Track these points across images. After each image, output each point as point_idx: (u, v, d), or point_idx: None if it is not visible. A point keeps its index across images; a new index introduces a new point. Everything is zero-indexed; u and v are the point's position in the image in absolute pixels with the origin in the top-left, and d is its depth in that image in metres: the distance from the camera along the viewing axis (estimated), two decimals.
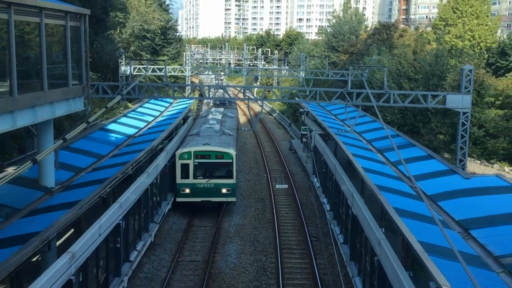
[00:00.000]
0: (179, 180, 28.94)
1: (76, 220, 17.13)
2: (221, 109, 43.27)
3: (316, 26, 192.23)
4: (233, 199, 29.84)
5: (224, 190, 29.04)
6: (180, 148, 29.68)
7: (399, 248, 16.51)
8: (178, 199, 29.28)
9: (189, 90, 43.49)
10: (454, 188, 22.26)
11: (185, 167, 28.85)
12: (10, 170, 22.11)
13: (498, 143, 41.46)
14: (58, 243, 16.35)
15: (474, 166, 40.48)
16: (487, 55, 54.86)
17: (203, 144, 29.58)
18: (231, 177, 29.18)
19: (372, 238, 17.08)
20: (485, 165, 41.37)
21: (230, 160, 29.20)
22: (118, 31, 58.31)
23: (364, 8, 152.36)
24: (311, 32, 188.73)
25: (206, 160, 29.16)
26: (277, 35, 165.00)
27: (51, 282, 12.67)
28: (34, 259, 14.67)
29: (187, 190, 28.96)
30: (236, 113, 45.90)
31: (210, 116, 39.03)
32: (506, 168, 41.84)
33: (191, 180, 28.87)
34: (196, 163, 28.95)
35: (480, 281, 11.51)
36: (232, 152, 29.41)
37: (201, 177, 29.14)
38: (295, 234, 27.84)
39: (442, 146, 41.56)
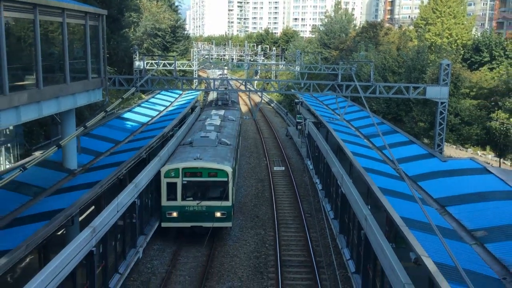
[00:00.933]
0: (164, 202, 22.35)
1: (96, 198, 17.19)
2: (222, 112, 35.21)
3: (310, 25, 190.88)
4: (229, 224, 23.11)
5: (218, 214, 22.33)
6: (167, 163, 23.21)
7: (383, 223, 16.58)
8: (164, 224, 22.75)
9: (196, 83, 43.12)
10: (433, 170, 22.28)
11: (172, 187, 22.35)
12: (37, 154, 22.14)
13: (472, 130, 41.45)
14: (80, 218, 16.42)
15: (450, 150, 40.48)
16: (463, 51, 54.63)
17: (194, 159, 22.88)
18: (226, 198, 22.31)
19: (359, 214, 17.15)
20: (460, 150, 41.38)
21: (225, 179, 22.39)
22: (132, 30, 57.96)
23: (353, 9, 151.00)
24: (306, 31, 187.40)
25: (196, 178, 22.44)
26: (275, 33, 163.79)
27: (75, 253, 12.77)
28: (59, 233, 14.76)
29: (174, 214, 22.36)
30: (238, 115, 37.51)
31: (207, 122, 30.85)
32: (479, 152, 41.86)
33: (179, 202, 22.29)
34: (185, 182, 22.33)
35: (455, 252, 11.57)
36: (228, 168, 22.57)
37: (191, 198, 22.48)
38: (291, 211, 27.93)
39: (422, 132, 41.53)
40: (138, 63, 52.01)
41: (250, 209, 28.00)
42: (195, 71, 64.50)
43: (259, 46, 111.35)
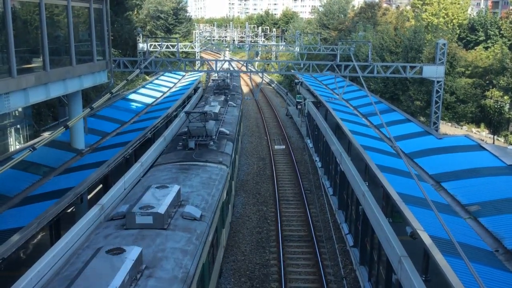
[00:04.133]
0: None
1: (104, 177, 17.28)
2: (175, 189, 12.56)
3: (309, 6, 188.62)
4: None
5: None
6: None
7: (380, 199, 16.66)
8: None
9: (199, 64, 42.76)
10: (428, 147, 22.30)
11: None
12: (46, 134, 22.18)
13: (467, 108, 41.35)
14: (89, 196, 16.53)
15: (446, 128, 40.44)
16: (458, 31, 54.10)
17: None
18: None
19: (357, 190, 17.22)
20: (455, 127, 41.34)
21: None
22: (135, 12, 57.46)
23: None
24: (305, 12, 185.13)
25: None
26: (275, 14, 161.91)
27: (84, 230, 12.87)
28: (69, 210, 14.86)
29: None
30: (220, 179, 15.79)
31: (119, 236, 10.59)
32: (474, 129, 41.84)
33: None
34: None
35: (449, 225, 11.64)
36: None
37: None
38: (292, 188, 28.03)
39: (418, 110, 41.43)
40: (141, 45, 51.72)
41: (252, 186, 28.12)
42: (198, 52, 64.09)
43: (260, 28, 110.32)
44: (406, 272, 10.90)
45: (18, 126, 24.88)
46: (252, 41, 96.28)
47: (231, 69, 36.72)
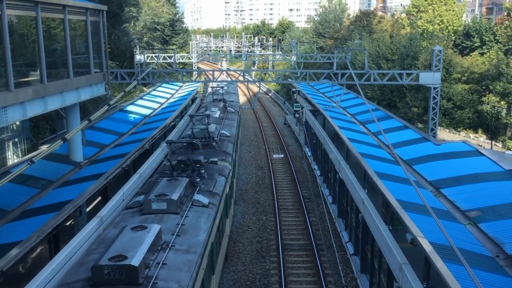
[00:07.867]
0: None
1: (102, 189, 17.24)
2: None
3: (305, 15, 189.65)
4: None
5: None
6: None
7: (380, 206, 16.64)
8: None
9: (196, 75, 42.76)
10: (427, 153, 22.30)
11: None
12: (44, 147, 22.16)
13: (464, 114, 41.46)
14: (88, 209, 16.46)
15: (443, 134, 40.53)
16: (454, 37, 54.43)
17: None
18: None
19: (356, 198, 17.20)
20: (453, 133, 41.44)
21: None
22: (132, 24, 57.66)
23: None
24: (301, 21, 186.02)
25: None
26: (271, 24, 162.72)
27: (83, 242, 12.82)
28: (68, 223, 14.80)
29: None
30: None
31: None
32: (471, 135, 41.94)
33: None
34: None
35: (449, 232, 11.61)
36: None
37: None
38: (291, 196, 27.99)
39: (416, 117, 41.53)
40: (138, 57, 51.92)
41: (251, 196, 28.06)
42: (195, 63, 64.30)
43: (256, 37, 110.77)
44: (407, 280, 10.86)
45: (16, 139, 24.83)
46: (249, 50, 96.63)
47: (229, 79, 36.75)
